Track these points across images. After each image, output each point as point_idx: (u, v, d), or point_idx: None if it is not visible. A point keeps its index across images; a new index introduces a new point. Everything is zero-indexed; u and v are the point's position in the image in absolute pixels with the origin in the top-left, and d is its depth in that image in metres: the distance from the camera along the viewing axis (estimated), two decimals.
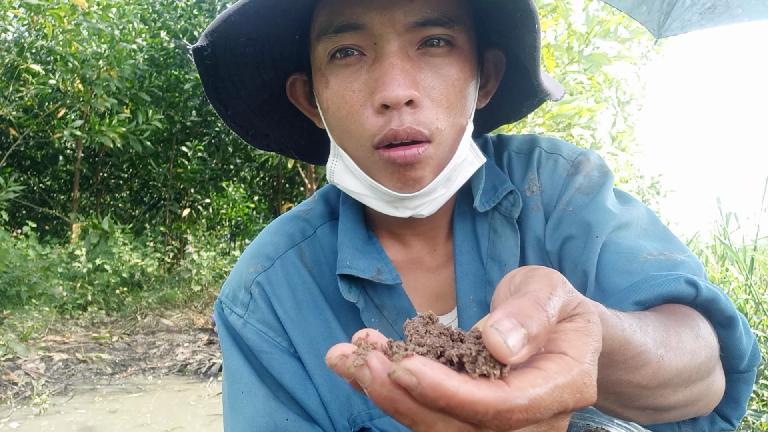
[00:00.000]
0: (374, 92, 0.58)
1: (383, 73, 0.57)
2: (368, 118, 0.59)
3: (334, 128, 0.63)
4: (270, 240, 0.75)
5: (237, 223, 10.40)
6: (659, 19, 1.48)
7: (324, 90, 0.61)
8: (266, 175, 10.46)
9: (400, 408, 0.30)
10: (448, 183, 0.64)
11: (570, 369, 0.31)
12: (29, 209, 9.22)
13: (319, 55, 0.61)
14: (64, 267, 6.61)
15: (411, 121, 0.57)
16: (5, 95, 6.82)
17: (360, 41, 0.58)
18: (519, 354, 0.30)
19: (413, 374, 0.28)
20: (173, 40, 8.70)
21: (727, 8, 1.35)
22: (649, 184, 9.20)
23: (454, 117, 0.61)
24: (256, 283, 0.71)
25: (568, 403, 0.31)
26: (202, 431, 3.43)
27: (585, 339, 0.33)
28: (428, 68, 0.59)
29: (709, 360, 0.52)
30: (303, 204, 0.80)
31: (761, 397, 2.22)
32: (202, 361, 4.94)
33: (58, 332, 5.78)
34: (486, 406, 0.28)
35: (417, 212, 0.63)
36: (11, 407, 3.73)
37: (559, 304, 0.33)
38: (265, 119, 0.73)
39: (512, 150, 0.76)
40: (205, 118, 8.95)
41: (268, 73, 0.67)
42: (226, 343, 0.71)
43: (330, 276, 0.71)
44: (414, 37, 0.58)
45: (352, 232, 0.70)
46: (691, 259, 0.62)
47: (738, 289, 2.88)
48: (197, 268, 7.63)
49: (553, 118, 4.46)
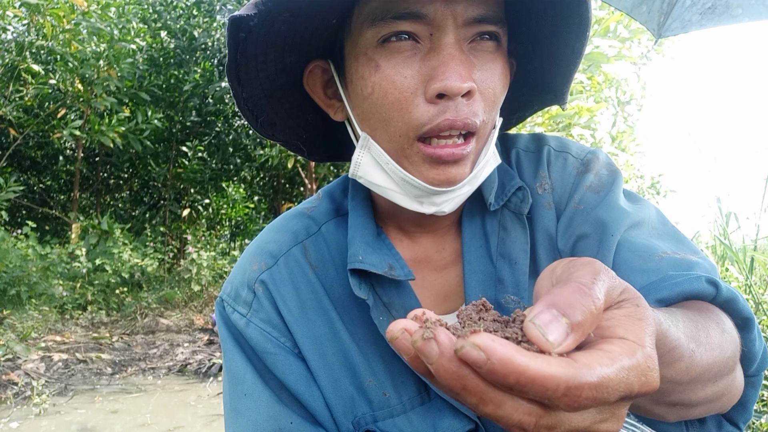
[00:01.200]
0: (431, 81, 0.57)
1: (442, 62, 0.56)
2: (418, 106, 0.58)
3: (369, 117, 0.62)
4: (273, 237, 0.74)
5: (237, 223, 10.40)
6: (659, 19, 1.48)
7: (372, 74, 0.60)
8: (266, 175, 10.46)
9: (468, 385, 0.29)
10: (473, 180, 0.64)
11: (633, 351, 0.30)
12: (29, 209, 9.22)
13: (366, 41, 0.60)
14: (64, 267, 6.61)
15: (467, 113, 0.57)
16: (5, 95, 6.82)
17: (418, 30, 0.58)
18: (563, 344, 0.29)
19: (482, 349, 0.28)
20: (173, 39, 8.71)
21: (727, 8, 1.35)
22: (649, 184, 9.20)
23: (495, 112, 0.62)
24: (259, 281, 0.70)
25: (633, 386, 0.30)
26: (202, 431, 3.43)
27: (639, 323, 0.32)
28: (479, 62, 0.59)
29: (734, 355, 0.52)
30: (307, 201, 0.79)
31: (761, 398, 2.22)
32: (202, 361, 4.94)
33: (58, 332, 5.78)
34: (557, 381, 0.28)
35: (440, 209, 0.63)
36: (11, 407, 3.73)
37: (604, 289, 0.32)
38: (275, 107, 0.72)
39: (521, 148, 0.76)
40: (205, 118, 8.95)
41: (292, 55, 0.66)
42: (228, 344, 0.69)
43: (335, 274, 0.70)
44: (469, 32, 0.59)
45: (363, 227, 0.69)
46: (705, 261, 0.62)
47: (738, 289, 2.88)
48: (197, 268, 7.63)
49: (553, 118, 4.46)
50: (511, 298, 0.66)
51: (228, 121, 9.21)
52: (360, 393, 0.67)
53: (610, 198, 0.68)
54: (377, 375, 0.66)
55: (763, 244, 3.30)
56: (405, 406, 0.66)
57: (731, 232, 3.23)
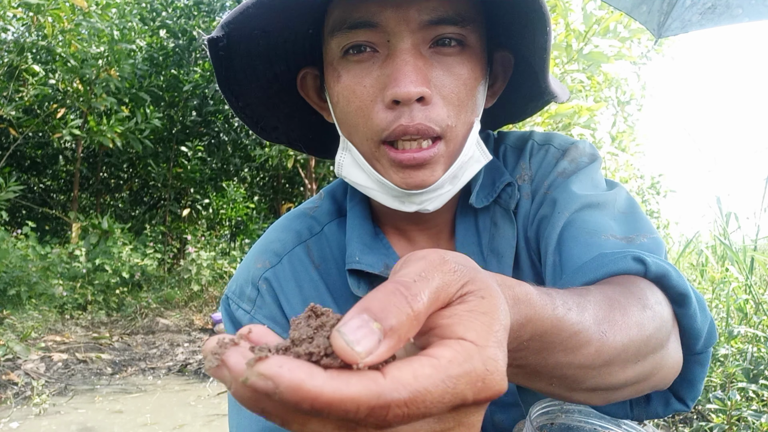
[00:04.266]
0: (385, 88, 0.58)
1: (395, 69, 0.57)
2: (378, 113, 0.59)
3: (343, 122, 0.64)
4: (278, 237, 0.75)
5: (237, 223, 10.39)
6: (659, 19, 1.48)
7: (335, 84, 0.62)
8: (266, 175, 10.45)
9: (266, 408, 0.27)
10: (454, 180, 0.64)
11: (469, 356, 0.27)
12: (29, 209, 9.21)
13: (331, 50, 0.62)
14: (64, 267, 6.61)
15: (422, 118, 0.58)
16: (5, 95, 6.82)
17: (373, 38, 0.59)
18: (375, 354, 0.26)
19: (269, 378, 0.25)
20: (172, 39, 8.70)
21: (727, 8, 1.35)
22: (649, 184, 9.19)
23: (464, 115, 0.61)
24: (263, 278, 0.72)
25: (465, 394, 0.27)
26: (202, 431, 3.43)
27: (482, 318, 0.29)
28: (440, 66, 0.59)
29: (659, 331, 0.49)
30: (309, 201, 0.81)
31: (761, 397, 2.22)
32: (202, 361, 4.93)
33: (58, 332, 5.78)
34: (356, 403, 0.25)
35: (422, 207, 0.64)
36: (11, 407, 3.72)
37: (431, 285, 0.29)
38: (275, 112, 0.74)
39: (508, 144, 0.77)
40: (205, 118, 8.94)
41: (279, 65, 0.68)
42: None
43: (337, 272, 0.71)
44: (427, 35, 0.59)
45: (360, 228, 0.70)
46: (653, 241, 0.61)
47: (738, 289, 2.88)
48: (197, 268, 7.63)
49: (552, 118, 4.47)
50: None
51: (228, 121, 9.21)
52: None
53: (571, 180, 0.68)
54: None
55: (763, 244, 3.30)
56: None
57: (731, 232, 3.23)
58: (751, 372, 2.24)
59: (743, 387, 2.19)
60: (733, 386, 2.24)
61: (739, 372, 2.24)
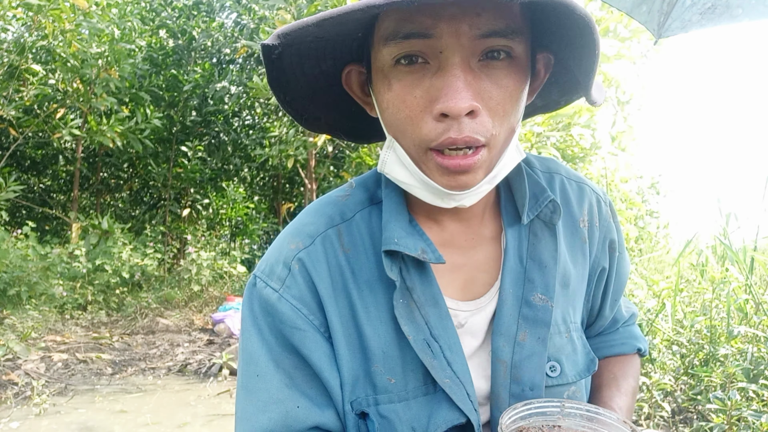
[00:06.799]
0: (436, 101, 0.60)
1: (446, 84, 0.59)
2: (427, 123, 0.62)
3: (391, 125, 0.67)
4: (311, 220, 0.77)
5: (237, 223, 10.40)
6: (659, 19, 1.48)
7: (386, 92, 0.64)
8: (266, 176, 10.45)
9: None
10: (493, 180, 0.68)
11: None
12: (29, 209, 9.22)
13: (382, 57, 0.64)
14: (64, 267, 6.61)
15: (469, 131, 0.60)
16: (5, 95, 6.82)
17: (426, 49, 0.61)
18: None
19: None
20: (172, 39, 8.70)
21: (727, 8, 1.35)
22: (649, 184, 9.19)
23: (508, 123, 0.64)
24: (297, 259, 0.73)
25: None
26: (202, 431, 3.43)
27: None
28: (488, 79, 0.61)
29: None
30: (339, 190, 0.83)
31: (761, 397, 2.22)
32: (202, 361, 4.94)
33: (58, 332, 5.79)
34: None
35: (461, 204, 0.68)
36: (11, 407, 3.73)
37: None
38: (318, 104, 0.77)
39: (563, 175, 0.84)
40: (205, 118, 8.95)
41: (327, 63, 0.72)
42: (248, 322, 0.73)
43: (365, 258, 0.74)
44: (477, 48, 0.60)
45: (397, 213, 0.73)
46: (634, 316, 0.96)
47: (738, 289, 2.88)
48: (197, 268, 7.63)
49: (553, 118, 4.46)
50: (539, 296, 0.72)
51: (228, 121, 9.21)
52: (366, 376, 0.70)
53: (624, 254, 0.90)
54: (388, 359, 0.70)
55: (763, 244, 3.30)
56: (408, 393, 0.70)
57: (731, 232, 3.23)
58: (751, 372, 2.24)
59: (743, 387, 2.19)
60: (733, 386, 2.24)
61: (739, 372, 2.24)
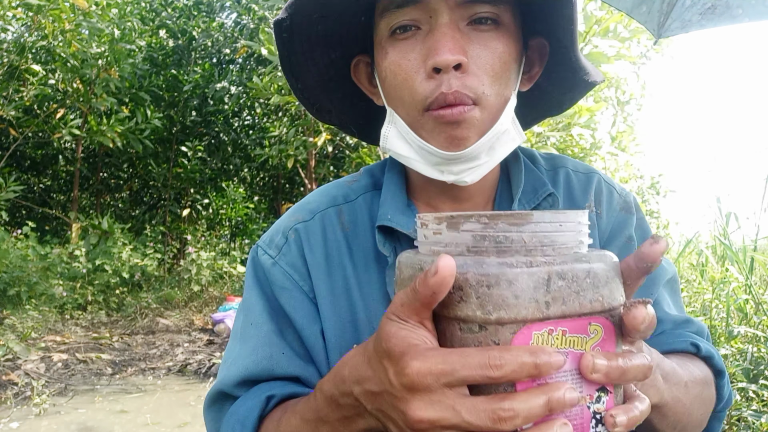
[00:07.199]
0: (427, 58, 0.65)
1: (435, 41, 0.64)
2: (421, 82, 0.66)
3: (390, 95, 0.71)
4: (315, 199, 0.82)
5: (237, 223, 10.39)
6: (659, 20, 1.48)
7: (383, 61, 0.69)
8: (266, 176, 10.45)
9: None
10: (490, 151, 0.70)
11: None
12: (29, 209, 9.21)
13: (381, 31, 0.70)
14: (64, 267, 6.61)
15: (458, 85, 0.64)
16: (5, 95, 6.82)
17: (418, 15, 0.66)
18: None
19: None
20: (172, 39, 8.70)
21: (727, 8, 1.35)
22: (649, 184, 9.20)
23: (499, 86, 0.67)
24: (293, 229, 0.78)
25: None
26: (202, 431, 3.43)
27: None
28: (477, 40, 0.66)
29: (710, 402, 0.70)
30: (349, 176, 0.88)
31: (761, 397, 2.22)
32: (201, 361, 4.94)
33: (58, 332, 5.78)
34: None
35: (460, 178, 0.70)
36: (11, 407, 3.73)
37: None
38: (329, 96, 0.82)
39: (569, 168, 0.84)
40: (205, 118, 8.94)
41: (336, 51, 0.77)
42: (249, 281, 0.78)
43: (363, 237, 0.77)
44: (464, 13, 0.65)
45: (395, 194, 0.77)
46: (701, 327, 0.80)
47: (738, 289, 2.88)
48: (197, 268, 7.63)
49: (553, 117, 4.46)
50: None
51: (228, 121, 9.21)
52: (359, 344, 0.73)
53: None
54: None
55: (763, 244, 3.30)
56: None
57: (731, 232, 3.23)
58: (751, 372, 2.24)
59: (743, 387, 2.19)
60: (733, 386, 2.24)
61: (739, 372, 2.24)
